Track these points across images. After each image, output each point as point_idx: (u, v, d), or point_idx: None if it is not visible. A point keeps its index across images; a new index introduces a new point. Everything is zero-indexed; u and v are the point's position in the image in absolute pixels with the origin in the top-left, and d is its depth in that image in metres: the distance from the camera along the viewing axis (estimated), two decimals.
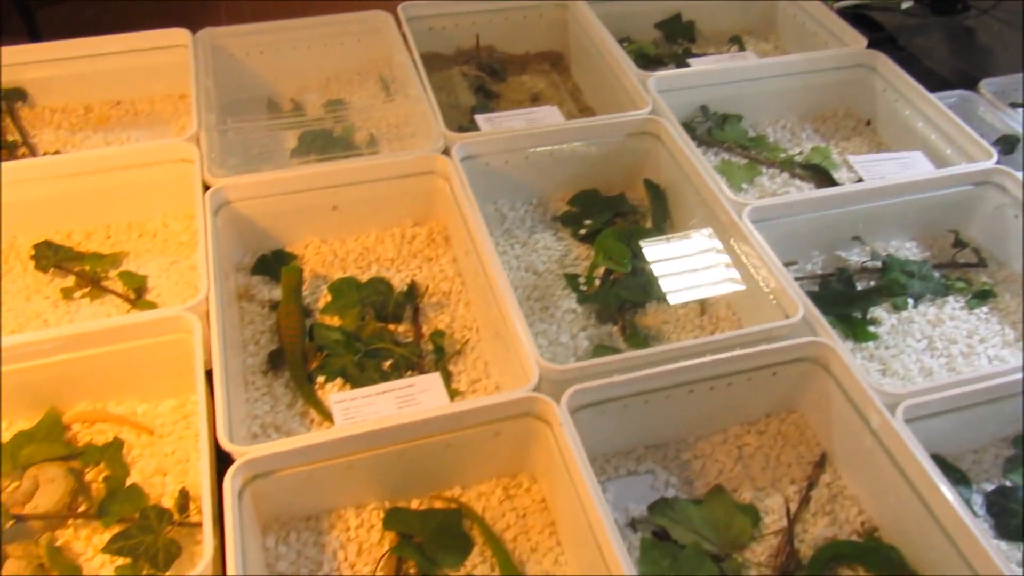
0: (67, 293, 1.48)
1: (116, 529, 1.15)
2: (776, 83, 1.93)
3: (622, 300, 1.49)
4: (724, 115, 1.91)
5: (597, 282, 1.53)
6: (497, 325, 1.34)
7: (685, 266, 1.55)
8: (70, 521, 1.17)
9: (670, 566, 1.13)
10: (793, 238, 1.56)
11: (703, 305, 1.51)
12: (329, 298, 1.49)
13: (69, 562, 1.12)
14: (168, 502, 1.19)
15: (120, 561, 1.12)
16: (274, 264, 1.55)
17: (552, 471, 1.18)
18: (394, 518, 1.18)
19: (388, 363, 1.38)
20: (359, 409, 1.21)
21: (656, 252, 1.51)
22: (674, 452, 1.31)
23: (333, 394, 1.27)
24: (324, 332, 1.40)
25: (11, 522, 1.13)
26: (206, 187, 1.49)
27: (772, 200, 1.54)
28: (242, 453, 1.08)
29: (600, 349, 1.42)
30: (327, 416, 1.30)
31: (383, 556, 1.14)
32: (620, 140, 1.71)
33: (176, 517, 1.14)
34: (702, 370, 1.23)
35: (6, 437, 1.26)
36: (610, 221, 1.67)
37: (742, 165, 1.82)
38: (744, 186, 1.77)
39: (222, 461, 1.10)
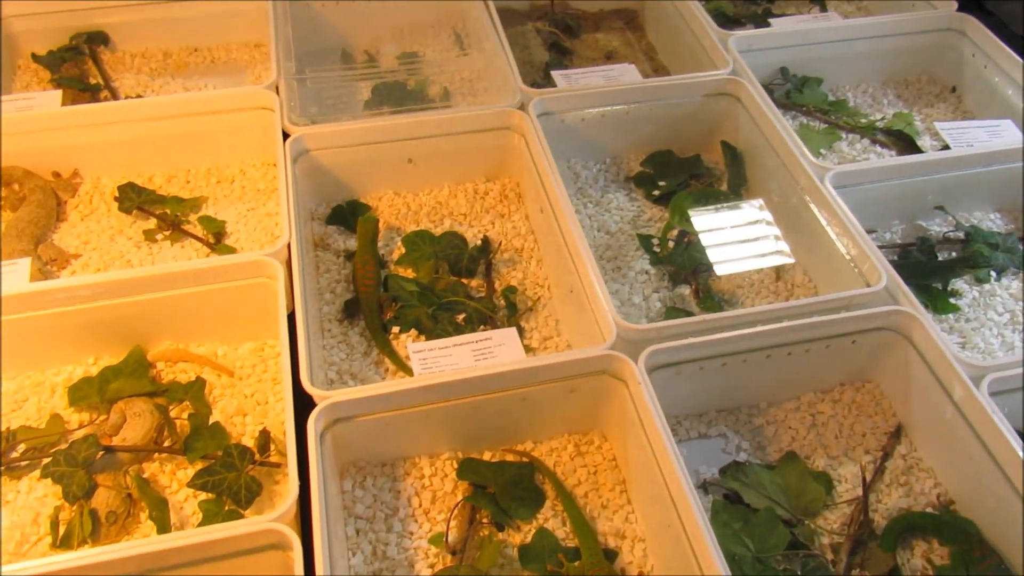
0: (149, 235, 1.52)
1: (200, 465, 1.18)
2: (859, 46, 1.87)
3: (696, 263, 1.47)
4: (804, 78, 1.86)
5: (671, 244, 1.52)
6: (571, 283, 1.34)
7: (762, 230, 1.53)
8: (156, 455, 1.21)
9: (741, 529, 1.13)
10: (873, 205, 1.52)
11: (779, 271, 1.49)
12: (403, 250, 1.50)
13: (155, 493, 1.16)
14: (248, 442, 1.22)
15: (203, 496, 1.15)
16: (349, 214, 1.56)
17: (626, 430, 1.18)
18: (468, 468, 1.19)
19: (461, 316, 1.39)
20: (436, 360, 1.22)
21: (733, 215, 1.49)
22: (746, 417, 1.30)
23: (411, 344, 1.28)
24: (399, 283, 1.41)
25: (100, 453, 1.17)
26: (285, 135, 1.50)
27: (856, 165, 1.50)
28: (324, 397, 1.10)
29: (673, 311, 1.42)
30: (402, 365, 1.31)
31: (457, 504, 1.16)
32: (697, 100, 1.68)
33: (257, 457, 1.17)
34: (782, 335, 1.22)
35: (94, 371, 1.30)
36: (684, 183, 1.65)
37: (821, 130, 1.77)
38: (823, 151, 1.73)
39: (299, 405, 1.12)
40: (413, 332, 1.37)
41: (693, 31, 1.82)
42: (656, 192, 1.64)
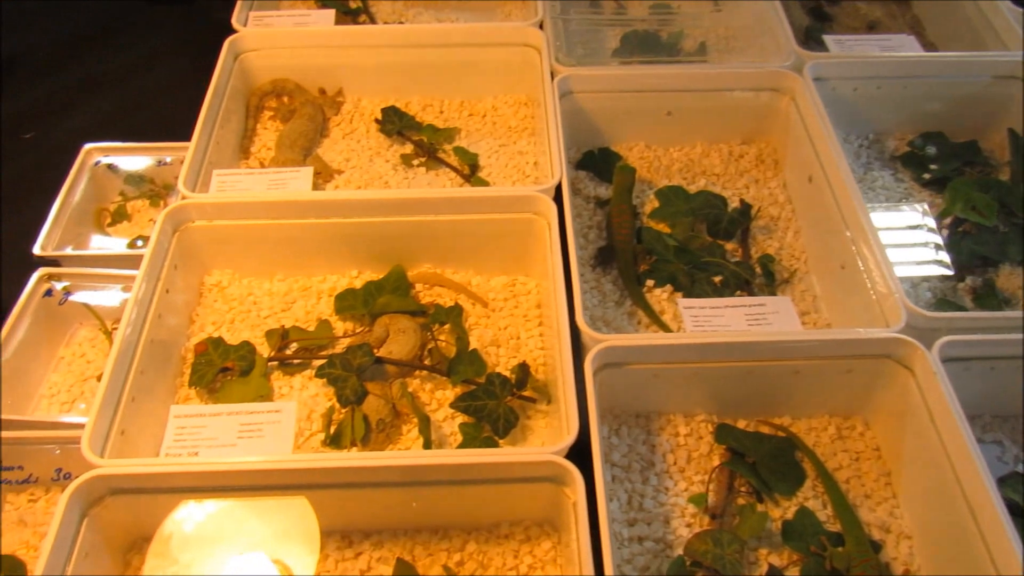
0: (406, 159, 1.54)
1: (460, 389, 1.20)
2: None
3: (975, 255, 1.37)
4: None
5: (944, 232, 1.41)
6: (844, 259, 1.26)
7: None
8: (417, 372, 1.23)
9: None
10: None
11: None
12: (656, 204, 1.47)
13: (421, 409, 1.18)
14: (503, 373, 1.22)
15: (462, 419, 1.17)
16: (600, 161, 1.54)
17: (903, 420, 1.11)
18: (727, 433, 1.16)
19: (718, 278, 1.34)
20: (708, 319, 1.19)
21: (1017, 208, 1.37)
22: None
23: (681, 300, 1.25)
24: (657, 237, 1.38)
25: (371, 362, 1.20)
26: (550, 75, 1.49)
27: None
28: (600, 340, 1.09)
29: (944, 303, 1.32)
30: (656, 319, 1.28)
31: (716, 468, 1.13)
32: (984, 81, 1.55)
33: (515, 390, 1.17)
34: None
35: (357, 284, 1.34)
36: (958, 169, 1.53)
37: None
38: None
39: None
40: (668, 288, 1.33)
41: (979, 6, 1.68)
42: (926, 175, 1.53)
